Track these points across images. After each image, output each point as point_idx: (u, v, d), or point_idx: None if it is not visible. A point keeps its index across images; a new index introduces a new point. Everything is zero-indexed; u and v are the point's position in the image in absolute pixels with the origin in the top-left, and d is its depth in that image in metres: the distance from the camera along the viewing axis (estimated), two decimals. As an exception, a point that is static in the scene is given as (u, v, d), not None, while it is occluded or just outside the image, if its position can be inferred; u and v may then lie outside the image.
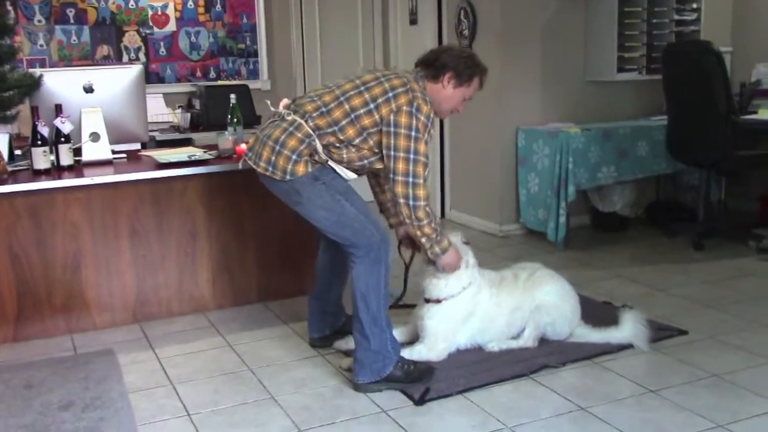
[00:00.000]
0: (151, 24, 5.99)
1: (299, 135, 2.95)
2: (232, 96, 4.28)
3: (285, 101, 4.32)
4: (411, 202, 2.92)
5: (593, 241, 5.42)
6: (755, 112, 5.27)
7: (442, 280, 3.26)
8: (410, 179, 2.90)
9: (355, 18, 6.82)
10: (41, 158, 3.73)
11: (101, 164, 3.98)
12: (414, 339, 3.41)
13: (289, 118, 3.00)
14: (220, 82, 6.05)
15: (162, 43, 6.04)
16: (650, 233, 5.53)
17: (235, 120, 4.21)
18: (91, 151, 3.98)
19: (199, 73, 6.16)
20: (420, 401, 2.96)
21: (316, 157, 2.97)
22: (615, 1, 5.38)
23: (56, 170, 3.81)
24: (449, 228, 5.71)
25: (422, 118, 2.92)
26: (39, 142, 3.72)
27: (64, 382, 3.22)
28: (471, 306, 3.34)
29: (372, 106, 2.94)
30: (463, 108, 3.22)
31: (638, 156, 5.32)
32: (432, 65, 3.09)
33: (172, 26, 6.06)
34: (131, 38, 5.95)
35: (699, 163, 5.16)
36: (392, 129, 2.91)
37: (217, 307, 4.12)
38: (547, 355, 3.33)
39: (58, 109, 3.83)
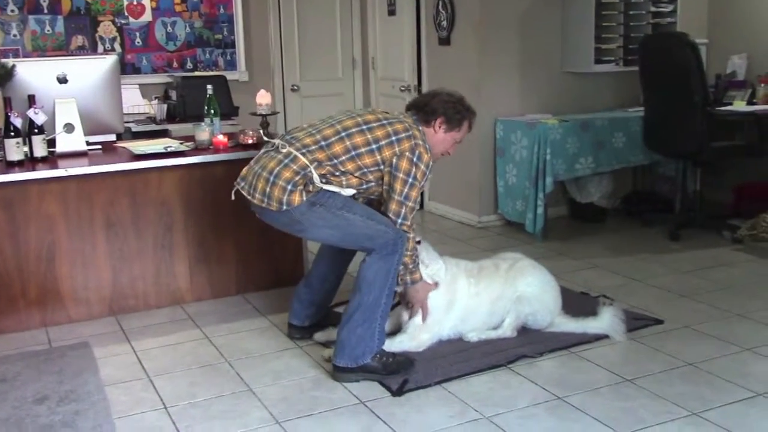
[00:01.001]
0: (126, 14, 5.91)
1: (294, 167, 2.99)
2: (209, 87, 4.25)
3: (262, 92, 4.33)
4: None
5: (571, 231, 5.45)
6: (730, 104, 5.33)
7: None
8: (399, 220, 3.08)
9: (333, 8, 6.78)
10: (14, 150, 3.67)
11: (76, 155, 3.93)
12: (396, 329, 3.42)
13: (284, 150, 3.04)
14: (196, 73, 5.99)
15: (138, 34, 5.97)
16: (627, 224, 5.57)
17: (212, 111, 4.18)
18: (65, 143, 3.93)
19: (175, 64, 6.10)
20: (398, 392, 2.97)
21: (311, 188, 3.00)
22: (592, -8, 5.41)
23: (30, 162, 3.76)
24: (426, 220, 5.72)
25: (422, 167, 3.08)
26: (12, 134, 3.66)
27: (39, 376, 3.19)
28: (449, 295, 3.36)
29: (374, 146, 3.04)
30: (453, 150, 3.35)
31: (615, 147, 5.35)
32: (423, 110, 3.23)
33: (147, 16, 5.99)
34: (106, 28, 5.88)
35: (675, 154, 5.21)
36: (392, 171, 3.06)
37: (195, 300, 4.09)
38: (524, 345, 3.34)
39: (32, 100, 3.78)
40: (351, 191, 3.09)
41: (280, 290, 4.17)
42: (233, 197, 3.23)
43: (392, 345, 3.24)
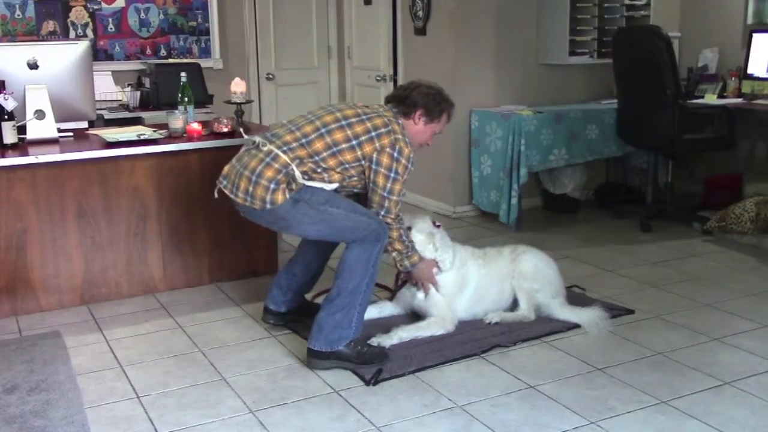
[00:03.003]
0: (98, -1, 5.84)
1: (276, 165, 2.99)
2: (183, 74, 4.21)
3: (237, 80, 4.29)
4: None
5: (545, 222, 5.49)
6: (702, 97, 5.39)
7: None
8: (382, 212, 3.13)
9: (309, -4, 6.76)
10: (-17, 136, 3.62)
11: (47, 143, 3.87)
12: (406, 312, 3.59)
13: (265, 148, 3.04)
14: (170, 60, 5.93)
15: (110, 20, 5.89)
16: (600, 215, 5.62)
17: (186, 99, 4.15)
18: (35, 129, 3.87)
19: (149, 51, 6.03)
20: (372, 381, 2.98)
21: (293, 185, 3.00)
22: (567, -16, 5.43)
23: (-1, 149, 3.72)
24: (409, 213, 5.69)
25: (403, 161, 3.11)
26: (-19, 120, 3.61)
27: (9, 365, 3.15)
28: (460, 277, 3.47)
29: (354, 142, 3.06)
30: (432, 142, 3.38)
31: (589, 139, 5.39)
32: (403, 102, 3.25)
33: (120, 2, 5.91)
34: (78, 14, 5.79)
35: (647, 146, 5.26)
36: (374, 166, 3.09)
37: (168, 289, 4.07)
38: (498, 335, 3.37)
39: (1, 86, 3.71)
40: (334, 185, 3.10)
41: (254, 279, 4.17)
42: (216, 195, 3.21)
43: (425, 330, 3.35)
